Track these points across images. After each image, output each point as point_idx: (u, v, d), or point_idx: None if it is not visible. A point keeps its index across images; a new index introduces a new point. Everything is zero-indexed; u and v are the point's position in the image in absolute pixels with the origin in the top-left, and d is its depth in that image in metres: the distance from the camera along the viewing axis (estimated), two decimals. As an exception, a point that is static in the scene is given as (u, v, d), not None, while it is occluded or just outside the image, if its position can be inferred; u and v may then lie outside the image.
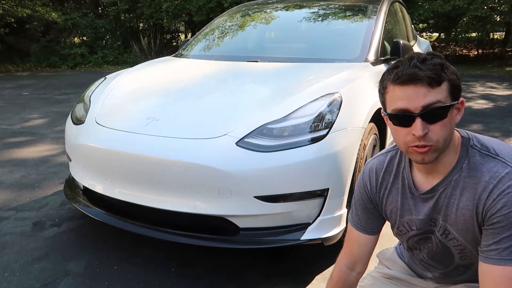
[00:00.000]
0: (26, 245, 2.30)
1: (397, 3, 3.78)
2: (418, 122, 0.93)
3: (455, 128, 1.04)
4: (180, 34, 15.52)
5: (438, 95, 0.92)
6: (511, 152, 0.99)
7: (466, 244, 1.04)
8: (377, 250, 1.34)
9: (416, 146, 0.96)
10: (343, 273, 1.23)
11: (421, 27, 12.98)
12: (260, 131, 1.90)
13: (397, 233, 1.18)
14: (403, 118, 0.95)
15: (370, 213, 1.20)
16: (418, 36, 4.87)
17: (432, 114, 0.93)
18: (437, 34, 14.52)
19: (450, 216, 1.03)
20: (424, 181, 1.06)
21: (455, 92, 0.95)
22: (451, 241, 1.06)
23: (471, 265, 1.08)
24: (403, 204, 1.11)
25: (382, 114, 1.03)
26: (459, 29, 11.49)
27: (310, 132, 1.89)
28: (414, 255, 1.21)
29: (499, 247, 0.93)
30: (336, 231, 1.94)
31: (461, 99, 0.98)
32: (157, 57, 4.02)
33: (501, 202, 0.93)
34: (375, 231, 1.22)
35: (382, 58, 2.75)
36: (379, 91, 1.02)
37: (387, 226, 1.23)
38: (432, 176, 1.04)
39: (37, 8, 11.19)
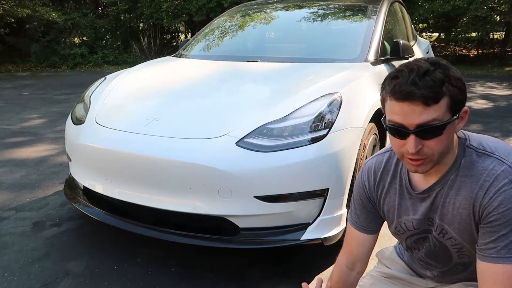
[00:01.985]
0: (26, 245, 2.30)
1: (397, 3, 3.78)
2: (411, 138, 0.92)
3: None
4: (180, 34, 15.52)
5: (435, 113, 0.90)
6: (507, 149, 0.99)
7: (463, 243, 1.04)
8: (376, 249, 1.34)
9: (410, 158, 0.96)
10: (343, 273, 1.23)
11: (421, 27, 12.99)
12: (260, 131, 1.90)
13: (395, 232, 1.18)
14: (399, 132, 0.94)
15: (369, 212, 1.20)
16: (418, 36, 4.87)
17: (427, 131, 0.91)
18: (437, 34, 14.53)
19: (447, 216, 1.03)
20: (421, 180, 1.07)
21: (455, 107, 0.93)
22: (448, 240, 1.06)
23: (470, 263, 1.08)
24: (400, 204, 1.12)
25: (382, 120, 1.02)
26: (459, 29, 11.49)
27: (310, 132, 1.89)
28: (413, 254, 1.21)
29: (497, 245, 0.93)
30: (336, 231, 1.94)
31: (465, 108, 0.96)
32: (157, 57, 4.02)
33: (497, 200, 0.92)
34: (374, 230, 1.22)
35: (382, 58, 2.75)
36: (380, 94, 1.00)
37: (386, 225, 1.23)
38: (429, 176, 1.04)
39: (37, 8, 11.19)
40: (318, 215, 1.92)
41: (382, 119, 1.01)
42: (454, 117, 0.93)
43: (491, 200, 0.93)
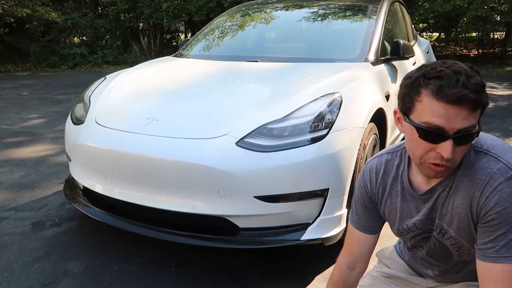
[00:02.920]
0: (26, 245, 2.30)
1: (397, 3, 3.78)
2: (449, 143, 0.89)
3: None
4: (180, 34, 15.51)
5: (474, 119, 0.89)
6: (504, 147, 0.98)
7: (463, 242, 1.04)
8: (376, 249, 1.34)
9: (435, 164, 0.93)
10: (344, 273, 1.23)
11: (421, 27, 12.98)
12: (260, 131, 1.90)
13: (398, 233, 1.18)
14: (434, 135, 0.90)
15: (370, 212, 1.20)
16: (418, 36, 4.87)
17: (464, 138, 0.90)
18: (437, 34, 14.51)
19: (446, 215, 1.03)
20: (423, 182, 1.06)
21: (482, 115, 0.92)
22: (448, 240, 1.06)
23: (470, 261, 1.08)
24: (402, 206, 1.11)
25: (405, 120, 0.96)
26: (459, 29, 11.48)
27: (310, 132, 1.89)
28: (416, 253, 1.21)
29: (496, 245, 0.93)
30: (336, 231, 1.94)
31: None
32: (157, 57, 4.02)
33: (494, 199, 0.92)
34: (375, 231, 1.22)
35: (382, 58, 2.75)
36: (407, 93, 0.94)
37: (387, 225, 1.23)
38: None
39: (36, 8, 11.17)
40: (318, 215, 1.92)
41: (401, 118, 0.97)
42: (480, 124, 0.92)
43: (487, 200, 0.93)
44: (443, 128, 0.88)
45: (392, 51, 2.81)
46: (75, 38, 13.77)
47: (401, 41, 2.77)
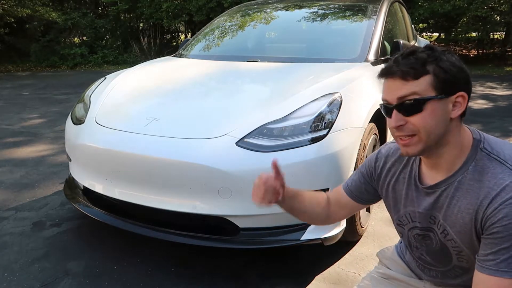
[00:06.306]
0: (26, 245, 2.30)
1: (397, 3, 3.78)
2: (394, 113, 0.97)
3: (468, 127, 1.02)
4: (180, 34, 15.51)
5: (414, 88, 0.94)
6: None
7: (462, 247, 1.03)
8: (376, 249, 1.34)
9: (399, 138, 1.00)
10: (312, 198, 1.26)
11: (421, 27, 12.98)
12: (260, 131, 1.90)
13: (398, 223, 1.18)
14: (385, 109, 1.01)
15: (361, 183, 1.23)
16: (418, 36, 4.87)
17: (406, 106, 0.95)
18: (437, 34, 14.52)
19: (450, 217, 1.02)
20: (428, 175, 1.06)
21: (442, 87, 0.94)
22: (449, 242, 1.06)
23: (469, 269, 1.07)
24: (407, 194, 1.11)
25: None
26: (459, 29, 11.48)
27: (310, 132, 1.89)
28: (414, 252, 1.21)
29: (497, 258, 0.91)
30: (336, 231, 1.94)
31: (460, 93, 0.96)
32: (157, 57, 4.02)
33: (502, 212, 0.90)
34: (358, 200, 1.24)
35: (382, 58, 2.75)
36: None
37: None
38: (436, 171, 1.03)
39: (37, 8, 11.18)
40: (318, 215, 1.91)
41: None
42: (440, 96, 0.94)
43: (495, 211, 0.91)
44: (387, 100, 0.99)
45: (392, 51, 2.81)
46: (75, 38, 13.78)
47: (401, 41, 2.77)
